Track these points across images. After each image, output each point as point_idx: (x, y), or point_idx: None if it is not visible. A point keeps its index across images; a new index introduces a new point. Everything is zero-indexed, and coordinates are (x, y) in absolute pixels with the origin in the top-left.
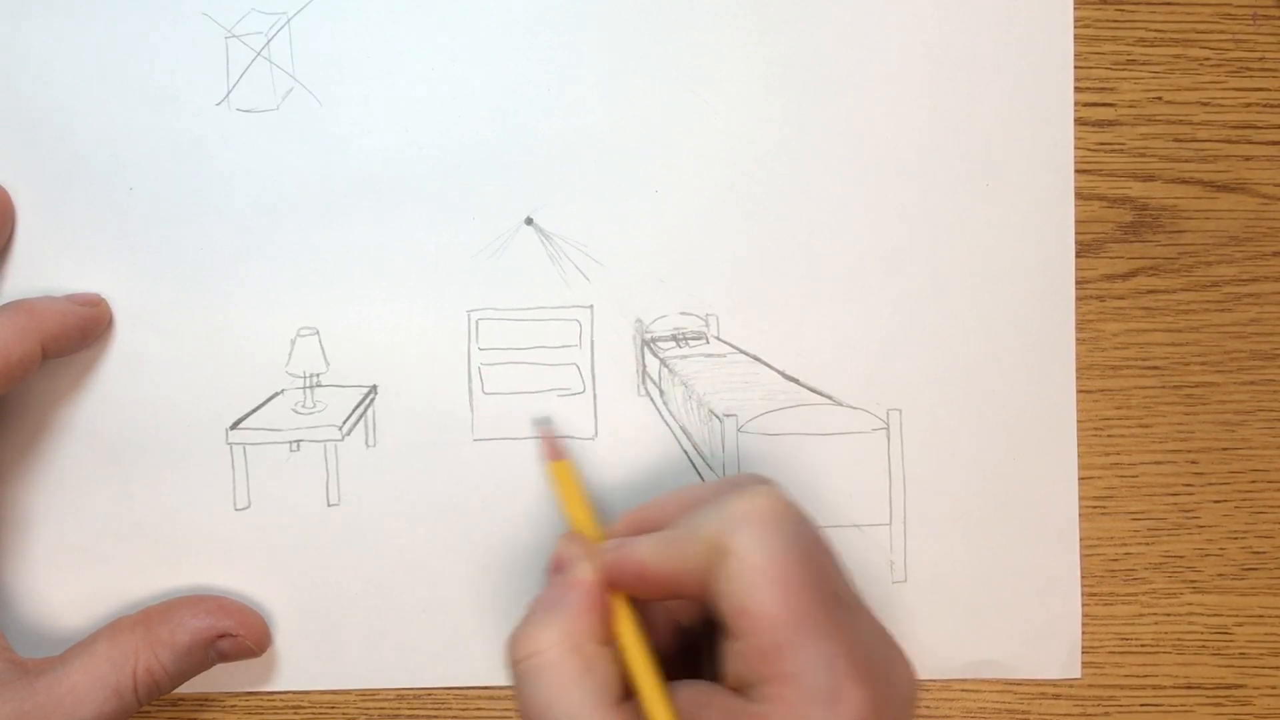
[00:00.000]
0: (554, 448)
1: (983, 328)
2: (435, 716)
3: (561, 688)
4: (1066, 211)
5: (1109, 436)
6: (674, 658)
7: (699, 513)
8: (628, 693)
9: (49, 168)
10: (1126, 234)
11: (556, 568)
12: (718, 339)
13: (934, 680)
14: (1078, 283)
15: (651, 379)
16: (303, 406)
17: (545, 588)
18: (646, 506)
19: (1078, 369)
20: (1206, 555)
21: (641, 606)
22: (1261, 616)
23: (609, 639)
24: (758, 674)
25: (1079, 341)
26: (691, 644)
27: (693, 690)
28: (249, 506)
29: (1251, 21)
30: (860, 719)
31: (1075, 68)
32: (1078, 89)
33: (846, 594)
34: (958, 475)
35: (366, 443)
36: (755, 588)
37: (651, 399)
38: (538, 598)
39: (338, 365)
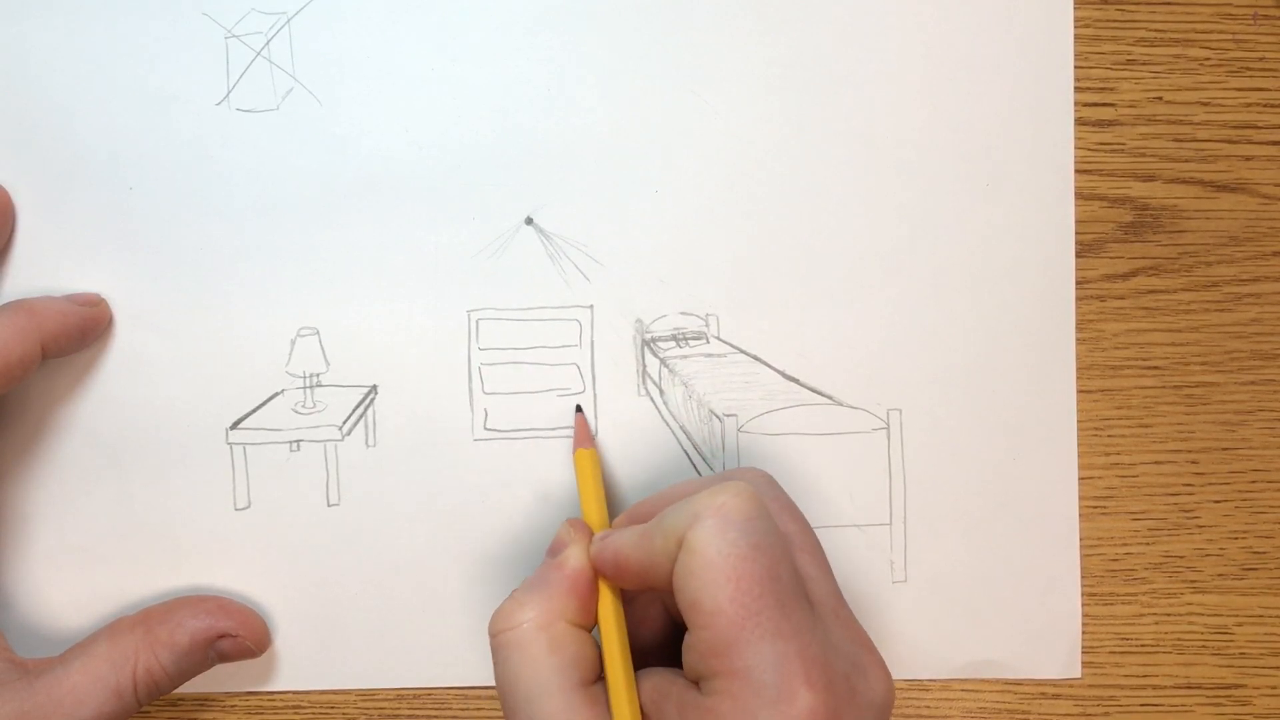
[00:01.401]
0: (583, 434)
1: (983, 328)
2: (435, 716)
3: (529, 662)
4: (1066, 211)
5: (1109, 436)
6: (666, 649)
7: (670, 508)
8: (602, 677)
9: (49, 168)
10: (1127, 234)
11: (552, 550)
12: (718, 339)
13: (934, 680)
14: (1078, 283)
15: (651, 379)
16: (303, 406)
17: (537, 568)
18: (648, 499)
19: (1078, 369)
20: (1206, 555)
21: (637, 596)
22: (1261, 616)
23: (591, 623)
24: (710, 668)
25: (1079, 341)
26: (681, 636)
27: (657, 678)
28: (249, 506)
29: (1251, 21)
30: None
31: (1075, 68)
32: (1078, 89)
33: (821, 594)
34: (958, 475)
35: (366, 443)
36: (707, 582)
37: (651, 399)
38: (527, 578)
39: (338, 365)
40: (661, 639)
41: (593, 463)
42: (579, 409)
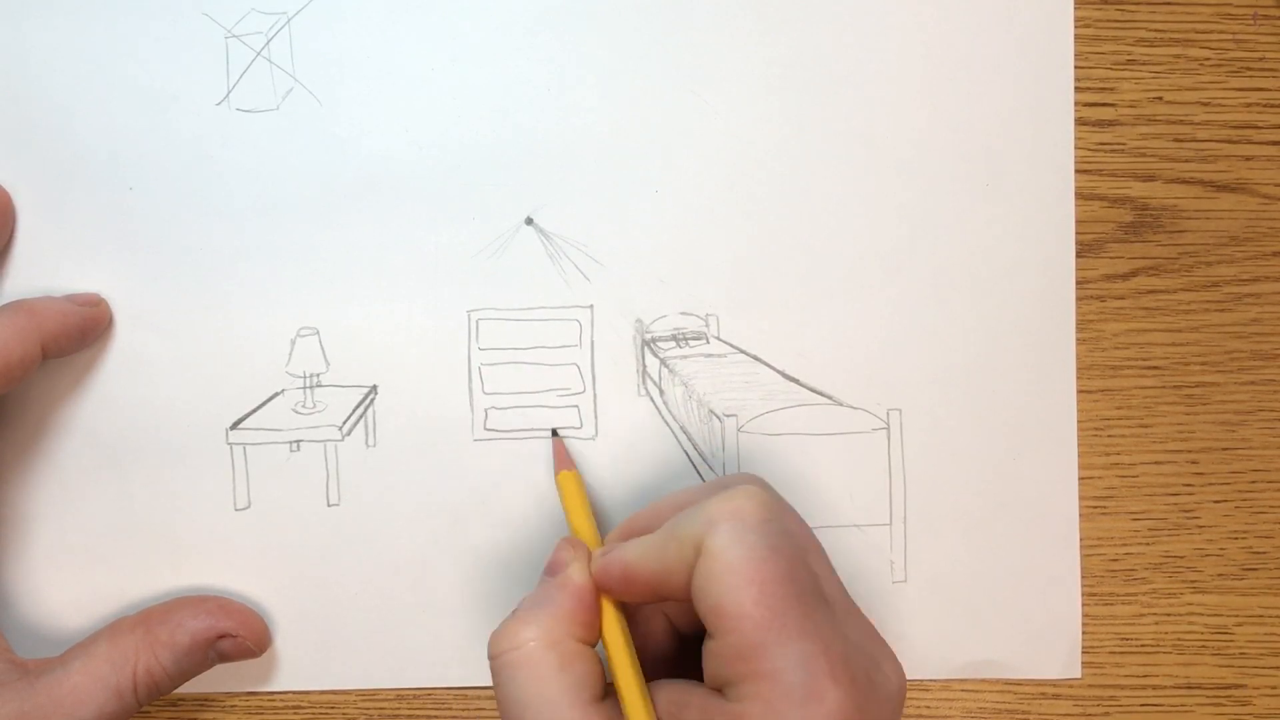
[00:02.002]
0: (563, 457)
1: (983, 328)
2: (435, 716)
3: (538, 682)
4: (1066, 211)
5: (1109, 436)
6: (670, 662)
7: (682, 515)
8: (610, 694)
9: (49, 168)
10: (1127, 234)
11: (551, 570)
12: (718, 339)
13: (934, 680)
14: (1078, 283)
15: (651, 379)
16: (303, 406)
17: (535, 588)
18: (641, 513)
19: (1078, 369)
20: (1206, 555)
21: (637, 611)
22: (1261, 616)
23: (594, 640)
24: (736, 673)
25: (1079, 341)
26: (686, 649)
27: (673, 690)
28: (249, 506)
29: (1251, 21)
30: (838, 718)
31: (1075, 68)
32: (1078, 89)
33: (832, 592)
34: (958, 475)
35: (366, 443)
36: (730, 587)
37: (651, 399)
38: (526, 596)
39: (338, 365)
40: (665, 652)
41: (577, 484)
42: (554, 433)
